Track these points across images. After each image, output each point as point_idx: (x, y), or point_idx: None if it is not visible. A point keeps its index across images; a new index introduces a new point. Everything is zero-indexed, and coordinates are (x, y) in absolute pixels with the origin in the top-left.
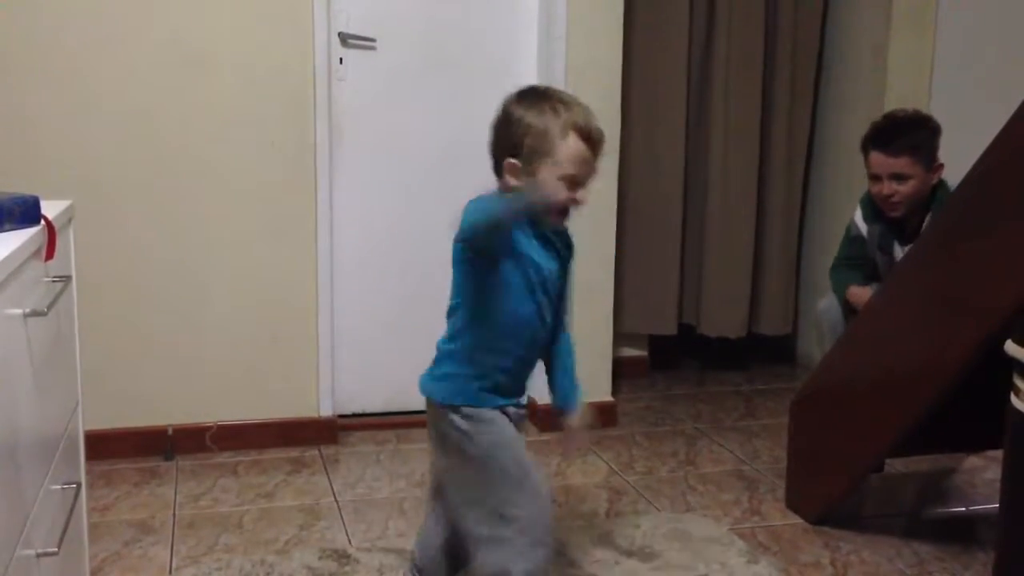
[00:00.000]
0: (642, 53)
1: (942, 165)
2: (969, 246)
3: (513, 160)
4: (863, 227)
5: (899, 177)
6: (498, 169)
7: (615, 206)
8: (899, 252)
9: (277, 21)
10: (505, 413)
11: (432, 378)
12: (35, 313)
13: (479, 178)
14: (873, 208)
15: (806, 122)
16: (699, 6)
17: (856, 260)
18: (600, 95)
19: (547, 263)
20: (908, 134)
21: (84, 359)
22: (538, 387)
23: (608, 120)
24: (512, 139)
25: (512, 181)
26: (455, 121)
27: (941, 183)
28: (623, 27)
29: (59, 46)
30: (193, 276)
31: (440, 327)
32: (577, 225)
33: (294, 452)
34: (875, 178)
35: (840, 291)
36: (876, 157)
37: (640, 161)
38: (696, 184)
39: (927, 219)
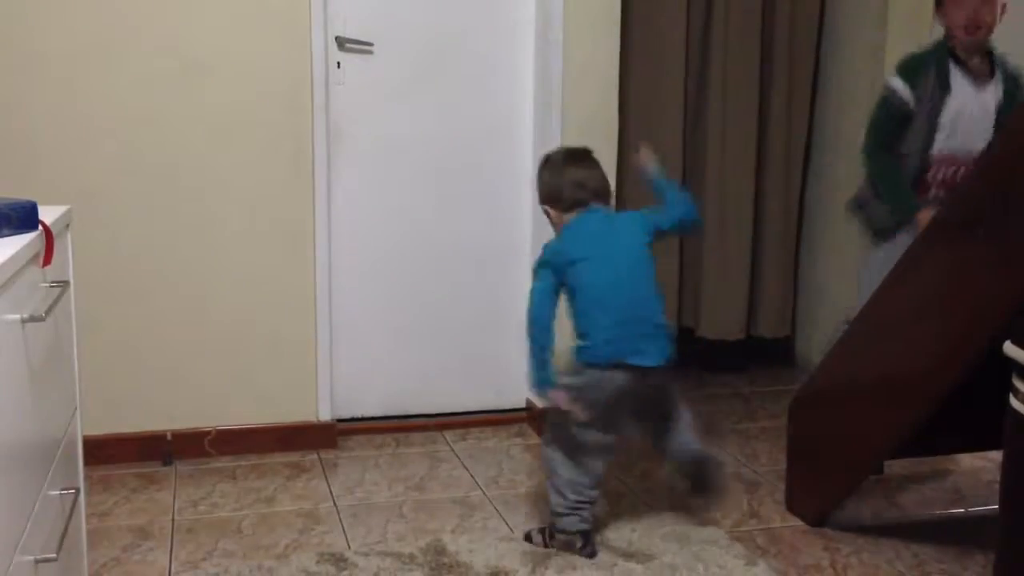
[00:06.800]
0: (639, 54)
1: (1005, 4)
2: (968, 247)
3: None
4: (906, 92)
5: (986, 3)
6: None
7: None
8: (955, 103)
9: (274, 25)
10: None
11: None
12: (33, 318)
13: (476, 180)
14: (914, 68)
15: (804, 123)
16: (696, 6)
17: (895, 138)
18: (598, 97)
19: None
20: None
21: (82, 364)
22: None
23: (606, 122)
24: None
25: None
26: (452, 124)
27: (992, 52)
28: (620, 28)
29: (56, 51)
30: (191, 281)
31: (440, 330)
32: None
33: (293, 457)
34: (957, 3)
35: (894, 194)
36: None
37: None
38: (694, 186)
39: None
